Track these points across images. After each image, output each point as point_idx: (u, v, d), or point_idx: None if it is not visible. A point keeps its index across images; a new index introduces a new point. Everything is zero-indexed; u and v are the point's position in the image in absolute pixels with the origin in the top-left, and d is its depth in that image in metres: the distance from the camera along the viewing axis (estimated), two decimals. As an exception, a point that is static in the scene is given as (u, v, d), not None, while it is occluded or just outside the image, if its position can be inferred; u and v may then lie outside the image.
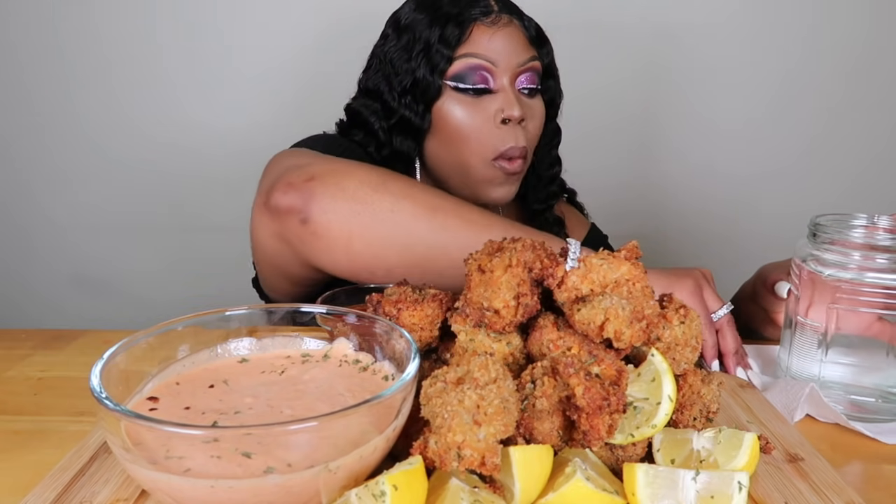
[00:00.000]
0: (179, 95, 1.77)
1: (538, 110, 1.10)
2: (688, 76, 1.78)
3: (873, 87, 1.79)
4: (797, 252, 0.80)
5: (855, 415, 0.75)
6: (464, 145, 1.06)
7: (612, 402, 0.53)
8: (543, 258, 0.62)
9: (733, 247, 1.85)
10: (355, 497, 0.46)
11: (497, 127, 1.04)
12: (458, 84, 1.05)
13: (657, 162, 1.83)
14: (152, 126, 1.79)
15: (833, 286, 0.75)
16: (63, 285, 1.88)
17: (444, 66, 1.05)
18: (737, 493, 0.51)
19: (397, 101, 1.09)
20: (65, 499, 0.55)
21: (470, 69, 1.04)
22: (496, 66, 1.04)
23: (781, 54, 1.77)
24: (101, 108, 1.78)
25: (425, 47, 1.06)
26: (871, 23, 1.75)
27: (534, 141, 1.10)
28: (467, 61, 1.04)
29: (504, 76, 1.05)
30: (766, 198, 1.84)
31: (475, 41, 1.05)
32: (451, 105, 1.06)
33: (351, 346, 0.66)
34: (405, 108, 1.09)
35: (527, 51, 1.07)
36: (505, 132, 1.04)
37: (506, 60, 1.05)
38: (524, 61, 1.06)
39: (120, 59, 1.75)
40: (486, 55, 1.04)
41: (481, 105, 1.05)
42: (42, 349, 0.90)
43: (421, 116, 1.08)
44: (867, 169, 1.84)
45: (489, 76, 1.04)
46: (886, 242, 0.74)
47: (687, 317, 0.64)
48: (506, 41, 1.05)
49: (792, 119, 1.81)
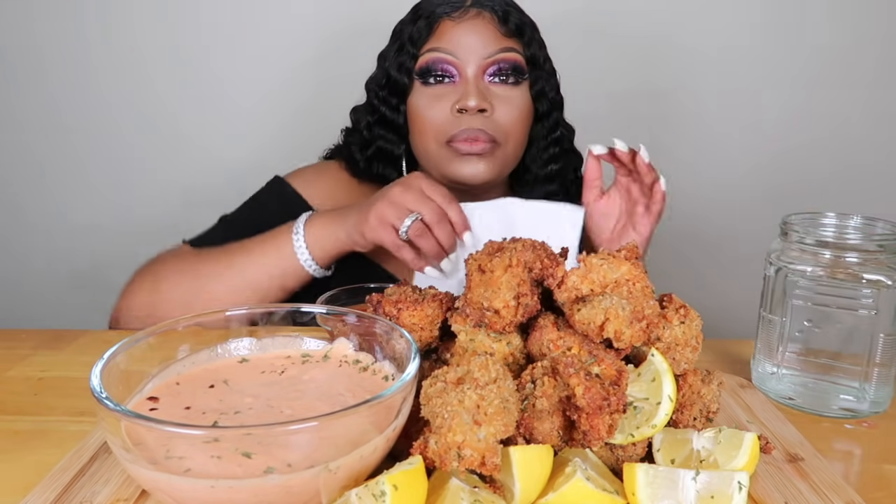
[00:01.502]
0: (180, 96, 1.77)
1: (513, 100, 1.09)
2: (683, 80, 1.79)
3: (872, 89, 1.79)
4: (770, 249, 0.81)
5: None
6: (424, 134, 1.09)
7: (612, 402, 0.53)
8: (543, 258, 0.62)
9: (729, 247, 1.86)
10: (355, 497, 0.46)
11: (454, 116, 1.06)
12: (424, 78, 1.08)
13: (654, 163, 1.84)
14: (152, 126, 1.79)
15: (793, 282, 0.76)
16: (63, 285, 1.88)
17: (410, 63, 1.09)
18: (737, 493, 0.51)
19: (378, 98, 1.15)
20: (65, 499, 0.55)
21: (433, 62, 1.07)
22: (459, 59, 1.06)
23: (779, 57, 1.77)
24: (100, 109, 1.77)
25: (400, 46, 1.11)
26: (876, 28, 1.75)
27: (509, 129, 1.09)
28: (431, 55, 1.08)
29: (470, 68, 1.06)
30: (764, 198, 1.84)
31: (440, 36, 1.08)
32: (417, 98, 1.10)
33: (351, 347, 0.66)
34: (382, 104, 1.15)
35: (497, 42, 1.07)
36: (461, 119, 1.06)
37: (471, 52, 1.06)
38: (492, 52, 1.06)
39: (120, 60, 1.75)
40: (448, 48, 1.07)
41: (443, 96, 1.07)
42: (42, 349, 0.90)
43: (395, 110, 1.13)
44: (866, 171, 1.84)
45: (452, 68, 1.07)
46: (855, 241, 0.74)
47: (687, 317, 0.64)
48: (471, 33, 1.06)
49: (790, 120, 1.81)
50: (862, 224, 0.78)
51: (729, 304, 1.54)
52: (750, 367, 0.84)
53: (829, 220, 0.79)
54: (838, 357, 0.76)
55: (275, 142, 1.76)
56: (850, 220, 0.79)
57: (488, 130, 1.06)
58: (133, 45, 1.74)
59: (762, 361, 0.81)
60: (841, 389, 0.76)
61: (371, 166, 1.17)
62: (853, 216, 0.79)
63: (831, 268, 0.74)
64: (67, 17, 1.72)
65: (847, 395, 0.76)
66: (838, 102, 1.80)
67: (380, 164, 1.17)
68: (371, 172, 1.18)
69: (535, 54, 1.12)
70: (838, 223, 0.79)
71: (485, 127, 1.05)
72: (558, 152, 1.20)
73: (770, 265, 0.80)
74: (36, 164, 1.82)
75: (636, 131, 1.80)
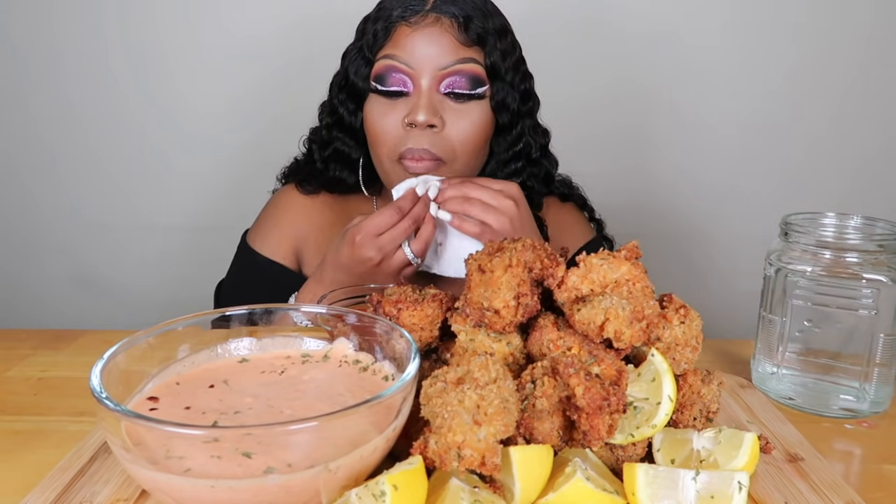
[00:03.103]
0: (181, 94, 1.77)
1: (468, 115, 1.04)
2: (682, 79, 1.78)
3: (871, 89, 1.79)
4: (770, 250, 0.81)
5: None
6: (376, 145, 1.06)
7: (612, 402, 0.53)
8: (543, 258, 0.62)
9: (729, 247, 1.86)
10: (355, 497, 0.46)
11: (404, 129, 1.02)
12: (378, 86, 1.04)
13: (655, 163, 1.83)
14: (152, 126, 1.79)
15: (793, 282, 0.76)
16: (63, 285, 1.88)
17: (366, 69, 1.06)
18: (737, 493, 0.51)
19: (337, 100, 1.12)
20: (65, 499, 0.55)
21: (386, 70, 1.03)
22: (413, 68, 1.01)
23: (779, 56, 1.77)
24: (100, 109, 1.77)
25: (359, 48, 1.08)
26: (871, 24, 1.75)
27: (458, 147, 1.04)
28: (385, 63, 1.03)
29: (425, 79, 1.02)
30: (764, 198, 1.84)
31: (396, 42, 1.03)
32: (371, 105, 1.06)
33: (351, 347, 0.65)
34: (341, 106, 1.11)
35: (454, 53, 1.02)
36: (410, 135, 1.02)
37: (425, 63, 1.01)
38: (448, 64, 1.01)
39: (120, 59, 1.75)
40: (403, 57, 1.02)
41: (396, 107, 1.03)
42: (42, 349, 0.90)
43: (353, 115, 1.10)
44: (866, 171, 1.84)
45: (406, 78, 1.02)
46: (855, 241, 0.75)
47: (687, 317, 0.64)
48: (427, 42, 1.01)
49: (789, 121, 1.81)
50: (862, 224, 0.78)
51: (729, 304, 1.53)
52: (750, 367, 0.84)
53: (829, 220, 0.79)
54: (838, 357, 0.76)
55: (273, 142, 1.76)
56: (850, 220, 0.79)
57: (433, 150, 1.02)
58: (151, 41, 1.74)
59: (762, 361, 0.81)
60: (841, 389, 0.76)
61: (328, 167, 1.16)
62: (853, 216, 0.79)
63: (831, 268, 0.74)
64: (83, 13, 1.71)
65: (847, 395, 0.76)
66: (838, 102, 1.80)
67: (336, 165, 1.15)
68: (327, 175, 1.16)
69: (497, 64, 1.05)
70: (838, 223, 0.79)
71: (430, 146, 1.01)
72: (521, 166, 1.14)
73: (770, 265, 0.80)
74: (35, 164, 1.82)
75: (636, 131, 1.81)
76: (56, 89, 1.77)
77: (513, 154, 1.13)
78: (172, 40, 1.74)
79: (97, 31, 1.73)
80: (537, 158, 1.16)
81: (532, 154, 1.15)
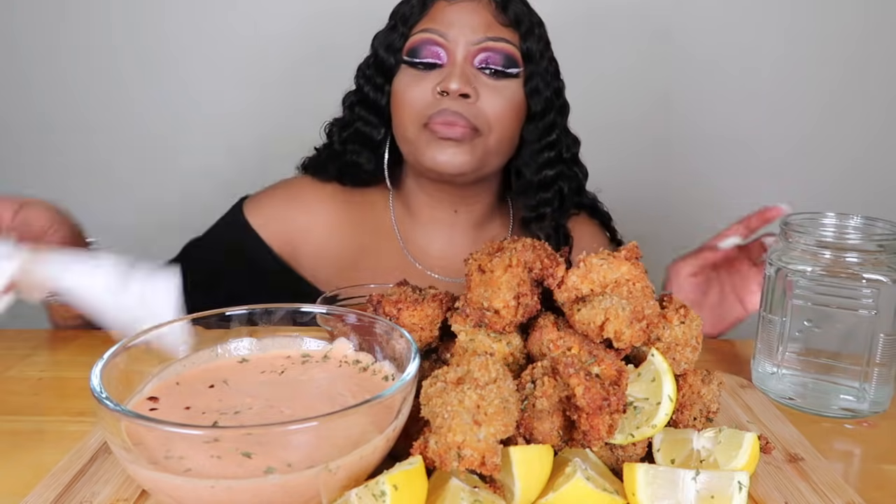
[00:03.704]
0: (182, 95, 1.77)
1: (501, 91, 1.03)
2: (681, 79, 1.79)
3: (873, 90, 1.79)
4: (769, 250, 0.81)
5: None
6: (402, 115, 1.05)
7: (612, 402, 0.53)
8: (543, 258, 0.62)
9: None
10: (355, 497, 0.46)
11: (435, 97, 1.01)
12: (411, 59, 1.04)
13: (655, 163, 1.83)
14: (151, 126, 1.79)
15: (793, 282, 0.76)
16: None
17: (399, 43, 1.06)
18: (737, 493, 0.51)
19: (364, 78, 1.12)
20: (65, 499, 0.55)
21: (421, 43, 1.03)
22: (448, 40, 1.02)
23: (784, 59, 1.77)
24: (100, 108, 1.77)
25: (392, 25, 1.08)
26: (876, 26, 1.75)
27: (493, 120, 1.03)
28: (420, 36, 1.04)
29: (459, 51, 1.02)
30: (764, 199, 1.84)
31: (433, 16, 1.04)
32: (401, 77, 1.06)
33: (351, 347, 0.65)
34: (367, 84, 1.11)
35: (490, 29, 1.03)
36: (440, 101, 1.01)
37: (461, 36, 1.02)
38: (483, 39, 1.02)
39: (122, 56, 1.75)
40: (439, 29, 1.03)
41: (428, 78, 1.03)
42: (42, 349, 0.90)
43: (379, 90, 1.09)
44: (867, 172, 1.84)
45: (440, 50, 1.02)
46: (855, 241, 0.75)
47: (687, 317, 0.64)
48: (463, 16, 1.02)
49: (789, 121, 1.81)
50: (862, 224, 0.78)
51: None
52: (750, 367, 0.84)
53: (829, 220, 0.79)
54: (838, 357, 0.76)
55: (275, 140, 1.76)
56: (850, 220, 0.79)
57: (468, 116, 1.00)
58: (158, 41, 1.74)
59: (762, 361, 0.81)
60: (841, 389, 0.76)
61: (346, 149, 1.13)
62: (853, 216, 0.79)
63: (831, 268, 0.74)
64: (92, 11, 1.71)
65: (847, 395, 0.76)
66: (838, 102, 1.80)
67: (354, 146, 1.13)
68: (343, 160, 1.14)
69: (532, 49, 1.06)
70: (838, 223, 0.79)
71: (465, 112, 1.00)
72: (553, 157, 1.12)
73: (770, 265, 0.80)
74: (35, 164, 1.82)
75: (635, 131, 1.81)
76: (63, 89, 1.77)
77: (546, 143, 1.12)
78: (179, 39, 1.74)
79: (105, 28, 1.73)
80: (570, 162, 1.16)
81: (563, 154, 1.14)
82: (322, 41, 1.72)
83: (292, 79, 1.76)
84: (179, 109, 1.79)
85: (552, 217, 1.16)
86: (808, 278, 0.76)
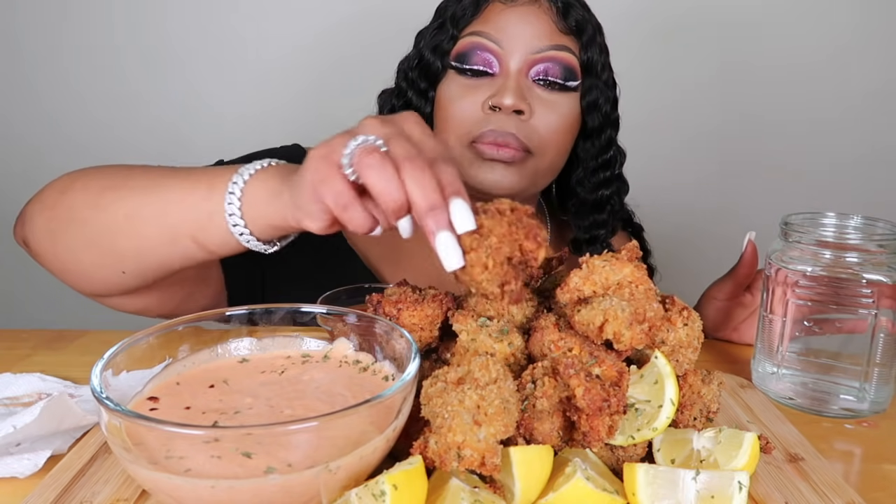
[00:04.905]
0: (186, 95, 1.77)
1: (558, 107, 0.95)
2: (680, 79, 1.79)
3: (873, 89, 1.79)
4: (770, 250, 0.81)
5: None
6: (447, 127, 0.96)
7: (612, 404, 0.53)
8: (522, 241, 0.57)
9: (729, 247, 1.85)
10: (355, 497, 0.46)
11: (484, 112, 0.93)
12: (459, 64, 0.95)
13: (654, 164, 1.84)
14: (155, 126, 1.79)
15: (793, 282, 0.77)
16: (63, 285, 1.88)
17: (447, 45, 0.96)
18: (737, 493, 0.51)
19: (406, 80, 1.02)
20: (65, 499, 0.55)
21: (471, 48, 0.94)
22: (503, 48, 0.93)
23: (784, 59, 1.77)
24: (103, 108, 1.78)
25: (440, 24, 0.98)
26: (876, 25, 1.75)
27: (547, 140, 0.95)
28: (471, 40, 0.94)
29: (514, 61, 0.93)
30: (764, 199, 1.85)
31: (486, 19, 0.95)
32: (448, 85, 0.97)
33: (351, 347, 0.65)
34: (410, 87, 1.02)
35: (550, 38, 0.93)
36: (490, 118, 0.92)
37: (517, 44, 0.92)
38: (542, 48, 0.93)
39: (125, 56, 1.75)
40: (493, 35, 0.93)
41: (478, 88, 0.94)
42: (42, 349, 0.90)
43: (423, 96, 1.00)
44: (867, 172, 1.84)
45: (493, 58, 0.93)
46: (855, 241, 0.74)
47: (689, 318, 0.63)
48: (521, 22, 0.93)
49: (792, 123, 1.81)
50: (862, 224, 0.78)
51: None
52: (750, 367, 0.84)
53: (829, 220, 0.79)
54: (838, 357, 0.76)
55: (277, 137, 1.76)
56: (850, 220, 0.79)
57: (521, 136, 0.92)
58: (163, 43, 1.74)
59: (762, 361, 0.81)
60: (841, 389, 0.76)
61: None
62: (853, 216, 0.79)
63: (831, 268, 0.74)
64: (95, 17, 1.71)
65: (847, 395, 0.76)
66: (838, 102, 1.80)
67: None
68: None
69: (593, 59, 0.96)
70: (838, 223, 0.79)
71: (517, 132, 0.91)
72: (609, 176, 1.05)
73: (770, 265, 0.80)
74: (36, 164, 1.82)
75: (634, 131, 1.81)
76: (66, 89, 1.77)
77: (602, 162, 1.04)
78: (182, 39, 1.74)
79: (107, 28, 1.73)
80: (620, 177, 1.09)
81: (616, 169, 1.07)
82: (326, 42, 1.72)
83: (297, 80, 1.76)
84: (184, 110, 1.79)
85: (604, 238, 1.10)
86: (808, 278, 0.76)
